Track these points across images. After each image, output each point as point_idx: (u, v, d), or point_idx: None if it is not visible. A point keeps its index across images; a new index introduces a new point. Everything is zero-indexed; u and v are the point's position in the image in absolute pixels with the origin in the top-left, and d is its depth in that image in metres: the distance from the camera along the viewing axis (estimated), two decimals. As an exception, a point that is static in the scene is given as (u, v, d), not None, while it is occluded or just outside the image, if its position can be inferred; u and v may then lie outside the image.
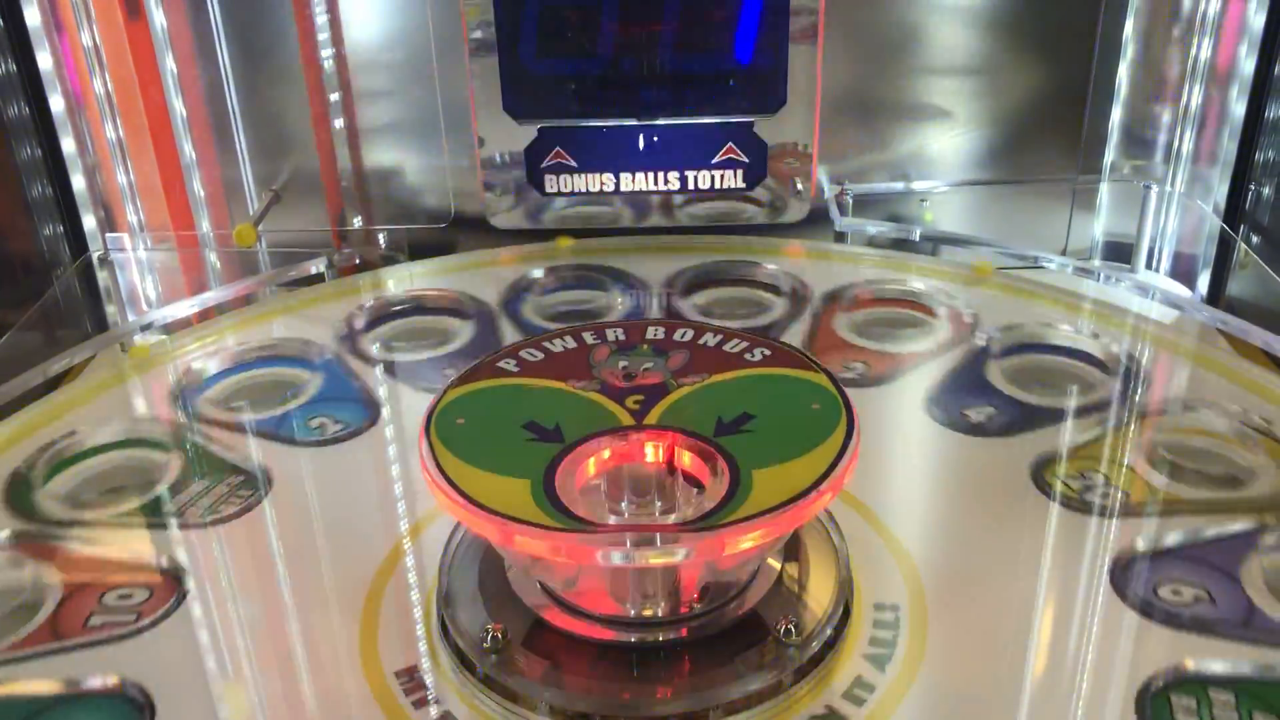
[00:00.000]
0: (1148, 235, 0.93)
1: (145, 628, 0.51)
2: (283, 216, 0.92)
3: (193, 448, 0.65)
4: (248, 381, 0.73)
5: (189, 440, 0.65)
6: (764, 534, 0.44)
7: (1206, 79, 0.87)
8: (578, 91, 0.86)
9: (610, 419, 0.50)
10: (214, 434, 0.66)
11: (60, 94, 0.86)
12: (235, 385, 0.73)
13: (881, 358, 0.73)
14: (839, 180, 0.92)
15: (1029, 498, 0.59)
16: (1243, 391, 0.66)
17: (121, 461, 0.65)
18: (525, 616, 0.49)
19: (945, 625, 0.50)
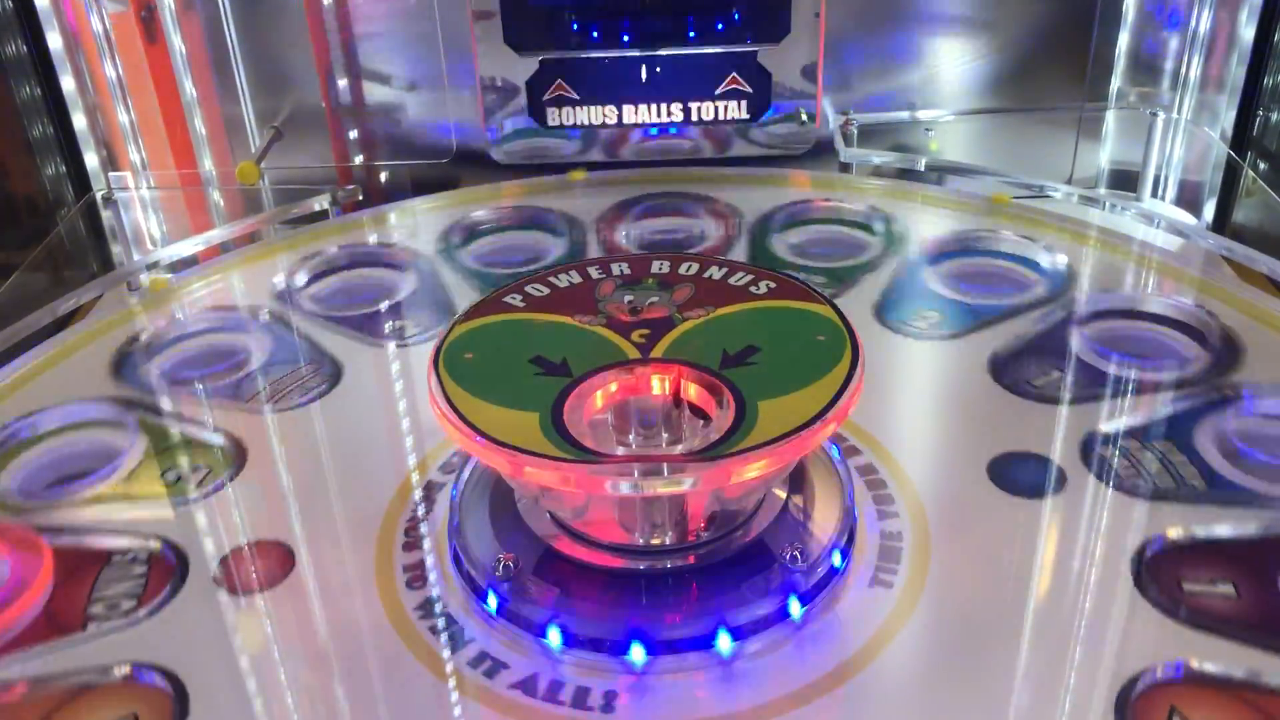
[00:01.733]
0: (1154, 163, 0.92)
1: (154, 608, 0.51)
2: (284, 154, 0.92)
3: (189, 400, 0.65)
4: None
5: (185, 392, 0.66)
6: (769, 463, 0.44)
7: (1215, 3, 0.86)
8: (579, 22, 0.85)
9: (617, 353, 0.50)
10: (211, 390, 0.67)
11: (58, 31, 0.86)
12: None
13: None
14: (844, 110, 0.92)
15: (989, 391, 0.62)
16: (1246, 320, 0.67)
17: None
18: (536, 546, 0.50)
19: (947, 552, 0.51)
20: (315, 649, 0.48)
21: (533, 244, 0.82)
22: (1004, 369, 0.64)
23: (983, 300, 0.71)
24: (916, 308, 0.70)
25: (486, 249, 0.81)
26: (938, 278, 0.74)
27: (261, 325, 0.72)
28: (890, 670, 0.46)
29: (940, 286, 0.73)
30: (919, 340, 0.67)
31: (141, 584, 0.51)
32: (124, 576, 0.52)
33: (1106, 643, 0.46)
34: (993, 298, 0.71)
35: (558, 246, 0.80)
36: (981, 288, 0.72)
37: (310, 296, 0.76)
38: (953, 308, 0.70)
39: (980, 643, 0.46)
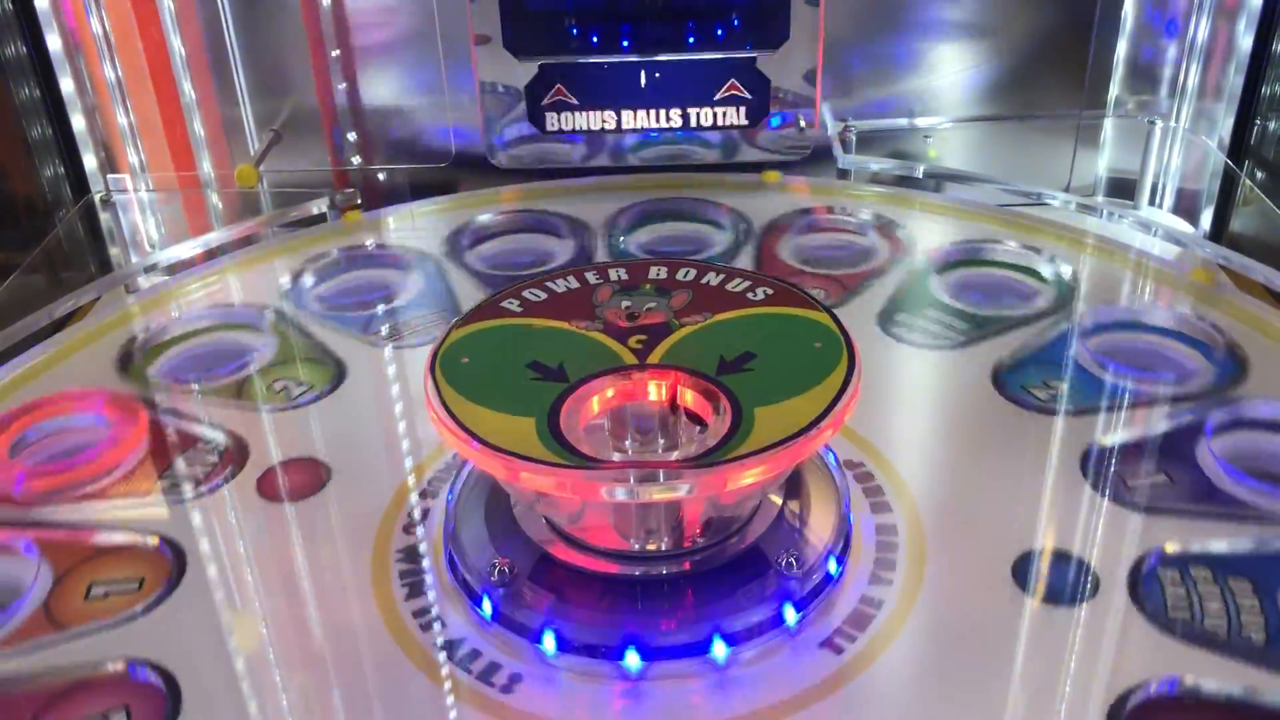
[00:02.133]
0: (1151, 171, 0.92)
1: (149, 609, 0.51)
2: (283, 157, 0.92)
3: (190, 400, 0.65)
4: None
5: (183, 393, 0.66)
6: (765, 470, 0.45)
7: (1214, 12, 0.86)
8: (578, 28, 0.85)
9: (614, 358, 0.50)
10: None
11: (57, 33, 0.86)
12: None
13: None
14: (842, 117, 0.92)
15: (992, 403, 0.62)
16: (1244, 328, 0.67)
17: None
18: (531, 551, 0.50)
19: (943, 558, 0.51)
20: (310, 652, 0.48)
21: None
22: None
23: (988, 310, 0.70)
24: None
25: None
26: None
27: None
28: (885, 678, 0.46)
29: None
30: (919, 349, 0.67)
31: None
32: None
33: (1102, 653, 0.46)
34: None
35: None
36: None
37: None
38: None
39: (976, 651, 0.47)
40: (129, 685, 0.46)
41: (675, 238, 0.83)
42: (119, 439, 0.60)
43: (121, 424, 0.61)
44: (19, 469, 0.58)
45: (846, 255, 0.79)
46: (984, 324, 0.69)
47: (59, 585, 0.51)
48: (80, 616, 0.49)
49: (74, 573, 0.52)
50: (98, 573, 0.52)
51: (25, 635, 0.49)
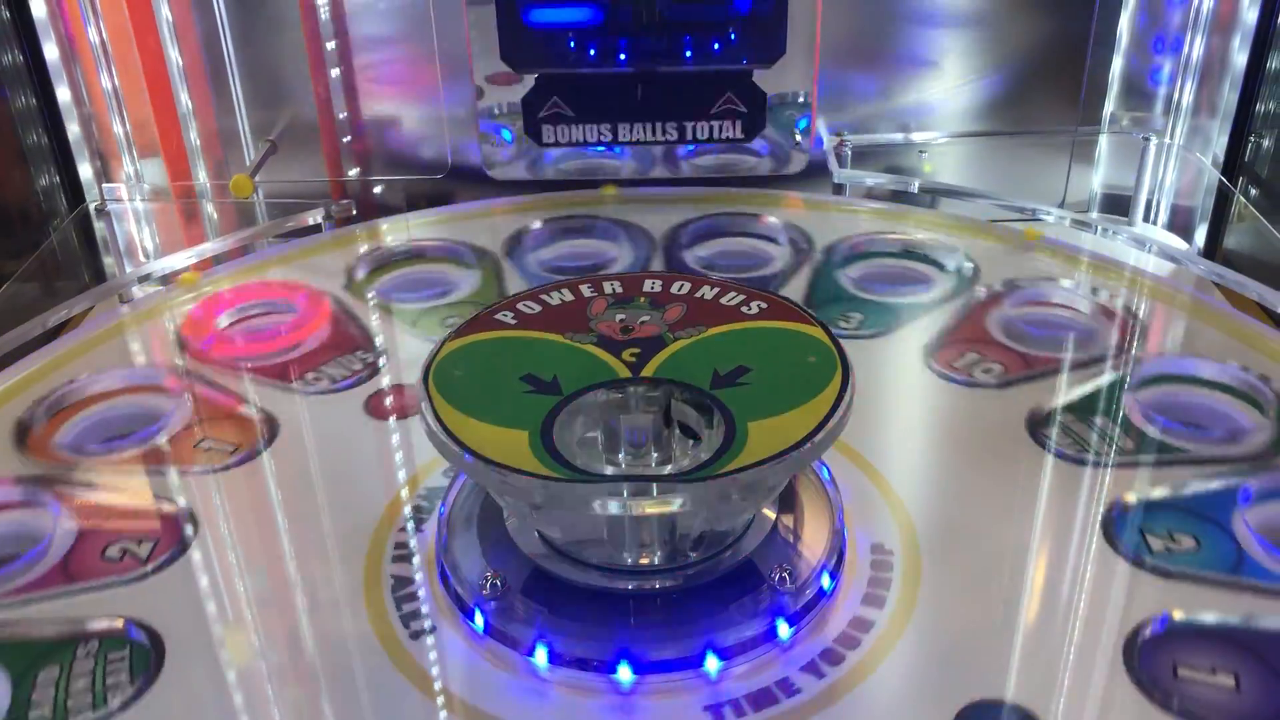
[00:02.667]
0: (1146, 188, 0.92)
1: (150, 574, 0.52)
2: (279, 167, 0.92)
3: (199, 395, 0.65)
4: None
5: (195, 387, 0.66)
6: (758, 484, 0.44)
7: (1208, 29, 0.86)
8: (575, 41, 0.85)
9: (607, 371, 0.50)
10: (221, 380, 0.67)
11: (54, 42, 0.86)
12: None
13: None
14: (838, 131, 0.92)
15: (1024, 449, 0.59)
16: (1239, 345, 0.67)
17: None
18: (524, 565, 0.50)
19: (939, 574, 0.51)
20: (302, 664, 0.48)
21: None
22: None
23: (1033, 349, 0.68)
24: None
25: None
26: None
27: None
28: (878, 694, 0.45)
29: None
30: (957, 385, 0.65)
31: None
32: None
33: (1095, 670, 0.46)
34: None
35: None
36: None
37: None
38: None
39: (970, 668, 0.46)
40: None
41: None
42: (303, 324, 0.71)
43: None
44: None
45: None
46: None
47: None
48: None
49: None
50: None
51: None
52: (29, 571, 0.52)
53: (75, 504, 0.56)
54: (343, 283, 0.78)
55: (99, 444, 0.62)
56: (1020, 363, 0.66)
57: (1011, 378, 0.65)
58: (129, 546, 0.54)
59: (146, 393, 0.66)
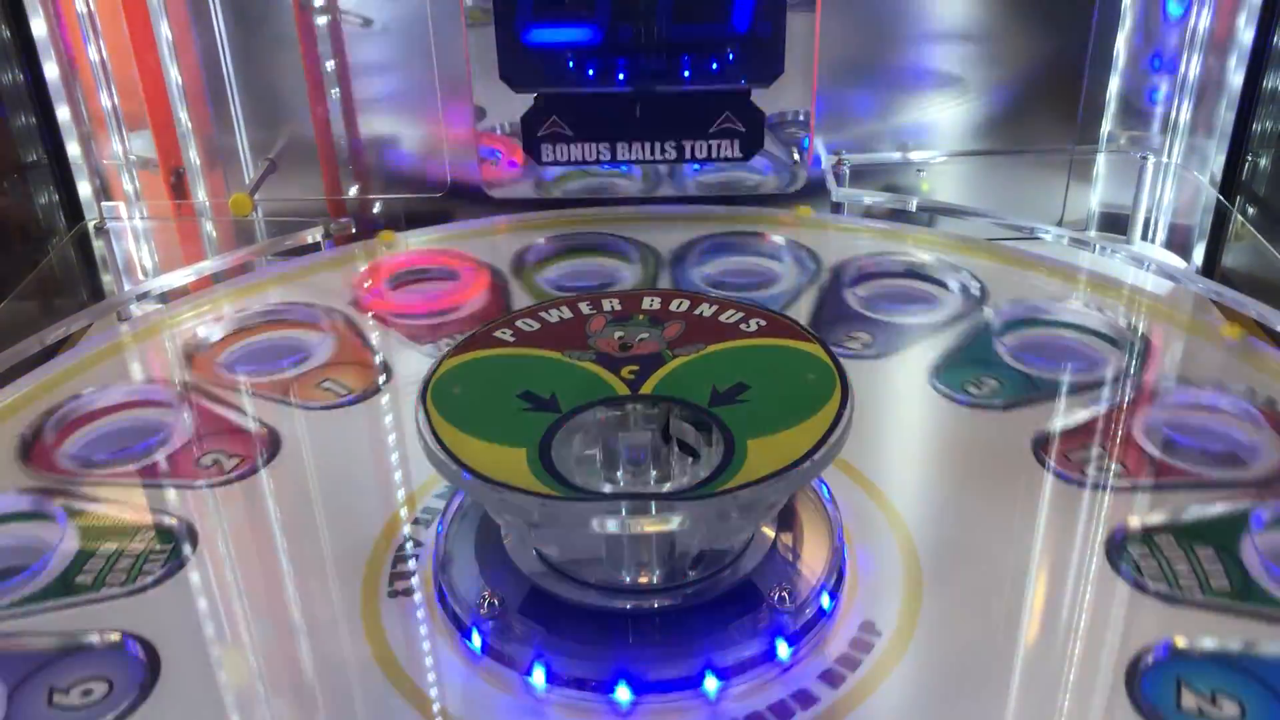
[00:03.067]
0: (1144, 206, 0.93)
1: (149, 587, 0.52)
2: (278, 186, 0.92)
3: (200, 410, 0.65)
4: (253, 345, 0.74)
5: (193, 404, 0.66)
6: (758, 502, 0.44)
7: (1205, 49, 0.87)
8: (574, 60, 0.85)
9: (606, 389, 0.50)
10: (223, 394, 0.67)
11: (55, 61, 0.86)
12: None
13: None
14: (836, 150, 0.92)
15: (1028, 470, 0.59)
16: (1238, 363, 0.67)
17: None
18: (522, 584, 0.49)
19: (939, 594, 0.51)
20: (300, 684, 0.48)
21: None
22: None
23: (1041, 373, 0.67)
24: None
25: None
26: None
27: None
28: (878, 715, 0.45)
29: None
30: (961, 406, 0.65)
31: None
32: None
33: (1096, 692, 0.46)
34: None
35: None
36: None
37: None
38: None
39: (970, 688, 0.46)
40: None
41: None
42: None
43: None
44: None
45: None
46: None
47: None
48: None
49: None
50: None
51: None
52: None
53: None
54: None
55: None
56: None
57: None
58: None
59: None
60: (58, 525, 0.56)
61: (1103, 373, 0.67)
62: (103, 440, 0.64)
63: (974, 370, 0.68)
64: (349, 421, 0.65)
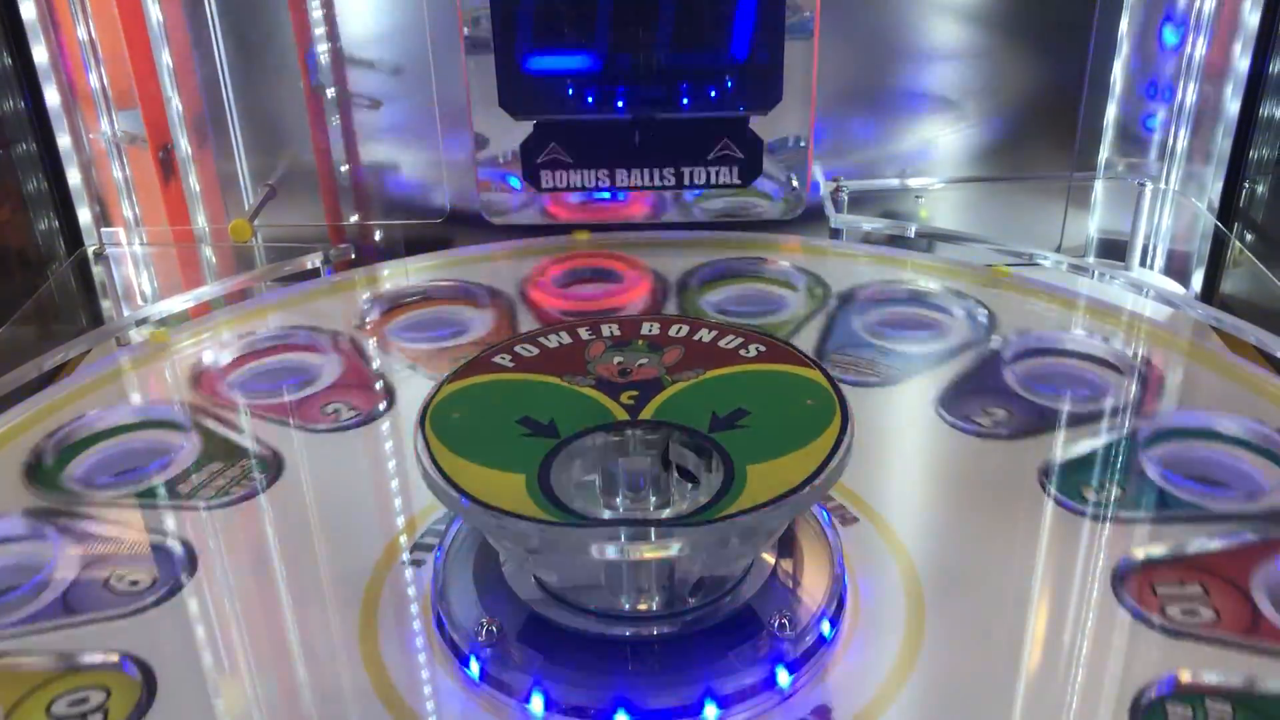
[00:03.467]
0: (1142, 232, 0.93)
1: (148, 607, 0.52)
2: (278, 212, 0.92)
3: (199, 434, 0.65)
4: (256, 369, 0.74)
5: (197, 426, 0.66)
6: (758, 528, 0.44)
7: (1201, 77, 0.87)
8: (574, 88, 0.86)
9: (605, 414, 0.50)
10: (220, 421, 0.67)
11: (56, 88, 0.86)
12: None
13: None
14: (835, 177, 0.93)
15: (1033, 499, 0.59)
16: (1239, 389, 0.67)
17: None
18: (520, 611, 0.49)
19: (942, 623, 0.50)
20: (297, 710, 0.47)
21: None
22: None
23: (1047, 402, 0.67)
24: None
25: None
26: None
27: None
28: (879, 742, 0.45)
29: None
30: (967, 436, 0.65)
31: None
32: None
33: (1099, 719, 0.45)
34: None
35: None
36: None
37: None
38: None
39: (973, 717, 0.46)
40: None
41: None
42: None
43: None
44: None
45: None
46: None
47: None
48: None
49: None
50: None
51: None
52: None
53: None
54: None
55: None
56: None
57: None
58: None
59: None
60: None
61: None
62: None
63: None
64: (351, 445, 0.65)
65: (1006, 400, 0.67)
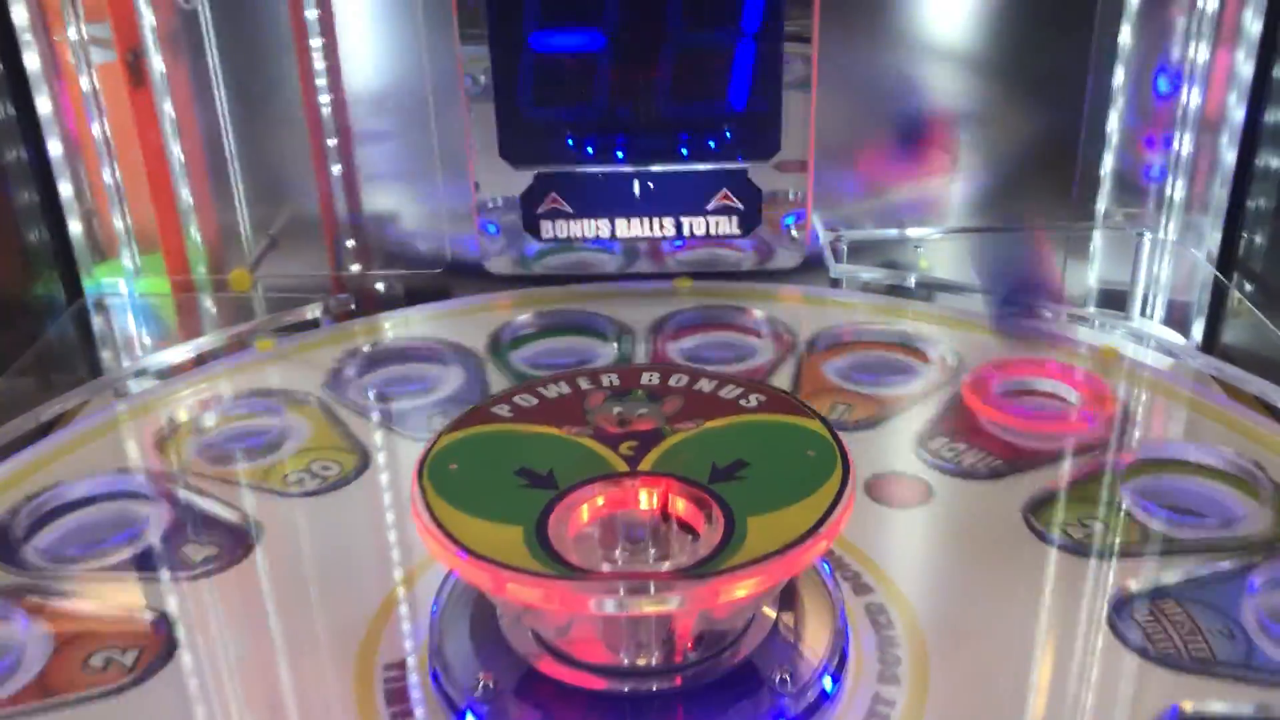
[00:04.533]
0: (1141, 282, 0.93)
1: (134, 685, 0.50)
2: (279, 262, 0.93)
3: (183, 498, 0.64)
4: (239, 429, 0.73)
5: (178, 490, 0.65)
6: (759, 582, 0.43)
7: (1197, 128, 0.88)
8: (573, 138, 0.86)
9: (604, 465, 0.49)
10: (204, 484, 0.66)
11: (58, 138, 0.87)
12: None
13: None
14: (833, 226, 0.93)
15: (1021, 540, 0.59)
16: (1240, 439, 0.66)
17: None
18: (517, 666, 0.48)
19: (946, 673, 0.49)
20: (285, 772, 0.46)
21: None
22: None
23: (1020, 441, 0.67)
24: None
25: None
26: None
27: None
28: (884, 802, 0.44)
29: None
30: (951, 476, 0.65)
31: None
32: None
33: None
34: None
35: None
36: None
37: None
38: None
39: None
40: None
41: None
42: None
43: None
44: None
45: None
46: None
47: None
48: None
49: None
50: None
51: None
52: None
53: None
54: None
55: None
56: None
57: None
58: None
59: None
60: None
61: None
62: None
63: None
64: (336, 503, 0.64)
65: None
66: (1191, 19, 0.86)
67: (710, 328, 0.85)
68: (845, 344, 0.80)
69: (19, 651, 0.52)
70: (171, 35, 0.87)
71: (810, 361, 0.78)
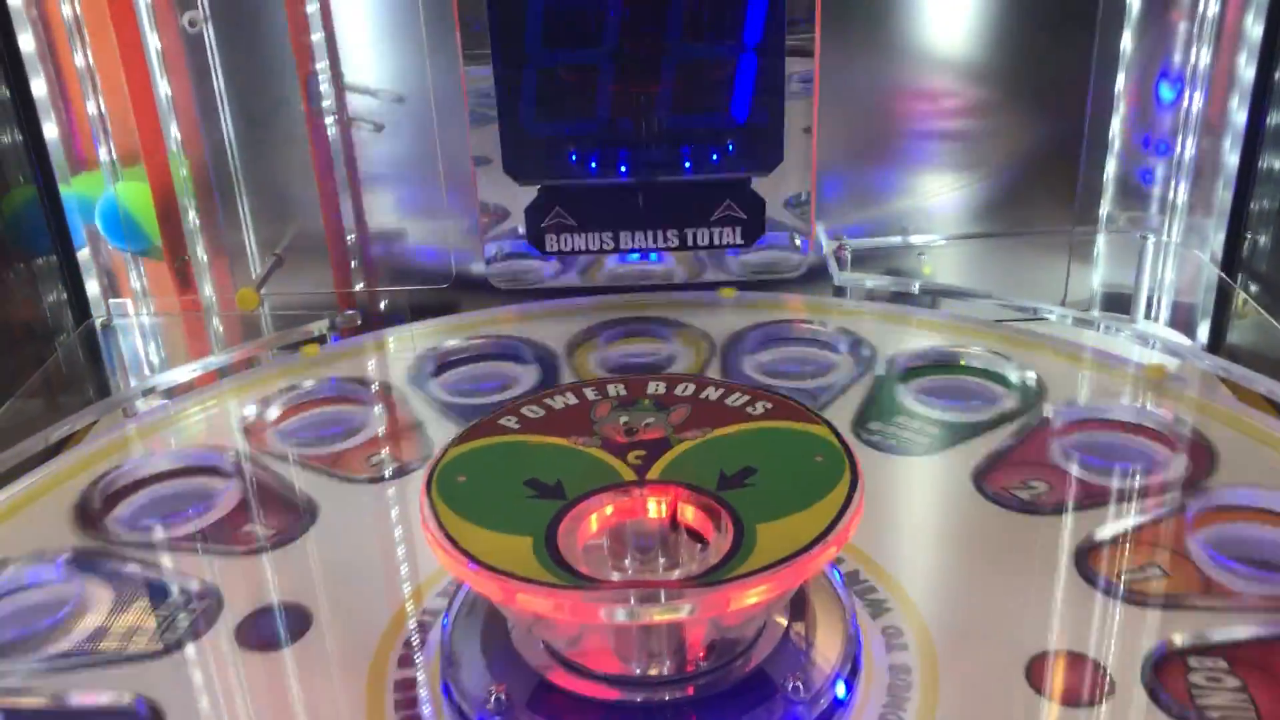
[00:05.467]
0: (1146, 285, 0.93)
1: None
2: (285, 280, 0.93)
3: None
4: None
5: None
6: (769, 588, 0.43)
7: (1199, 131, 0.88)
8: (577, 153, 0.86)
9: (612, 475, 0.49)
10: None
11: (64, 158, 0.87)
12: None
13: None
14: (837, 235, 0.93)
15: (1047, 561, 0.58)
16: (1251, 443, 0.66)
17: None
18: (529, 677, 0.48)
19: (957, 683, 0.49)
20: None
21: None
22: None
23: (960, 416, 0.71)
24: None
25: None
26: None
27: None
28: (899, 808, 0.44)
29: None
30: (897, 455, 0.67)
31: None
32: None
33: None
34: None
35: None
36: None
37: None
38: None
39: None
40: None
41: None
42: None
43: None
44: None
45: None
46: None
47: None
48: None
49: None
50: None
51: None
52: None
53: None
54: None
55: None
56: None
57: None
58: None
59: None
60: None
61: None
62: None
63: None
64: (354, 510, 0.65)
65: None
66: (1193, 24, 0.86)
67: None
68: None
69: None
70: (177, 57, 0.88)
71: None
